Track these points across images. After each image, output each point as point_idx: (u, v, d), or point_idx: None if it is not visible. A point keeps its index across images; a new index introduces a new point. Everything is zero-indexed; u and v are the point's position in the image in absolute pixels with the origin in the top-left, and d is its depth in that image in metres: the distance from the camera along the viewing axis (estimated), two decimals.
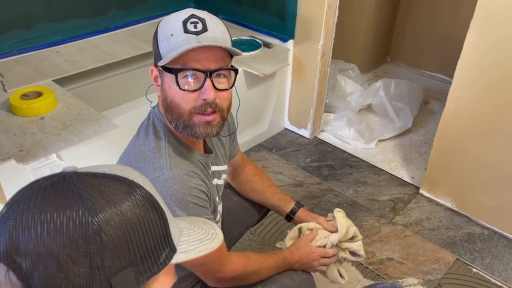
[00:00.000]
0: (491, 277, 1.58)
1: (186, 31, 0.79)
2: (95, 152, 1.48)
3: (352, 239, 1.11)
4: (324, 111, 2.31)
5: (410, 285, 1.12)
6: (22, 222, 0.40)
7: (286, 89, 2.25)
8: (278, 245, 1.67)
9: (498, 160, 1.64)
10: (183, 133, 0.85)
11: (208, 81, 0.80)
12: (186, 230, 0.51)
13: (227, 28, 0.85)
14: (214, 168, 0.99)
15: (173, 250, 0.47)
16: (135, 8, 2.15)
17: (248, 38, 2.14)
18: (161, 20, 0.85)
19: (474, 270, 1.60)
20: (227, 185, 1.25)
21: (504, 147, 1.61)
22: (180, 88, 0.80)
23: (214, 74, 0.81)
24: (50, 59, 1.83)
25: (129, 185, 0.45)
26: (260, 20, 2.14)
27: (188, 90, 0.81)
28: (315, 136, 2.31)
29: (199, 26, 0.79)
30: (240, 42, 2.10)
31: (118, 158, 0.93)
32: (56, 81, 1.69)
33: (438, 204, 1.89)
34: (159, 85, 0.86)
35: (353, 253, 1.12)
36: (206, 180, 0.90)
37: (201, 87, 0.80)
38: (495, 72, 1.53)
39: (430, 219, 1.82)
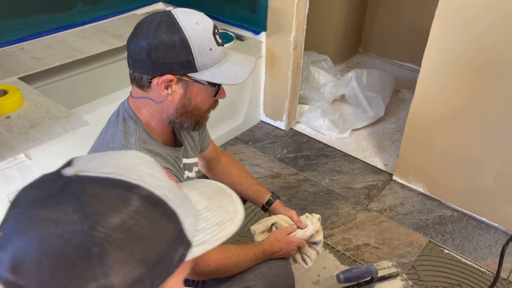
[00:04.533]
0: (462, 257, 1.64)
1: (218, 43, 0.84)
2: (66, 150, 1.45)
3: (315, 244, 1.17)
4: (299, 103, 2.32)
5: (385, 268, 1.17)
6: (21, 248, 0.37)
7: (260, 82, 2.25)
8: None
9: (465, 145, 1.70)
10: (188, 130, 0.91)
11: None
12: (205, 211, 0.46)
13: None
14: (185, 160, 0.99)
15: (188, 246, 0.42)
16: (102, 3, 2.10)
17: (221, 31, 2.12)
18: (180, 25, 0.81)
19: (446, 251, 1.66)
20: (202, 177, 1.25)
21: (470, 133, 1.67)
22: (216, 97, 0.89)
23: None
24: (15, 56, 1.77)
25: (126, 189, 0.40)
26: (231, 13, 2.13)
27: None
28: (290, 128, 2.33)
29: (219, 35, 0.85)
30: None
31: None
32: (21, 78, 1.64)
33: (410, 189, 1.94)
34: (169, 93, 0.83)
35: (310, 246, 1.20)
36: (178, 174, 0.90)
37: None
38: (460, 61, 1.57)
39: (403, 204, 1.87)
